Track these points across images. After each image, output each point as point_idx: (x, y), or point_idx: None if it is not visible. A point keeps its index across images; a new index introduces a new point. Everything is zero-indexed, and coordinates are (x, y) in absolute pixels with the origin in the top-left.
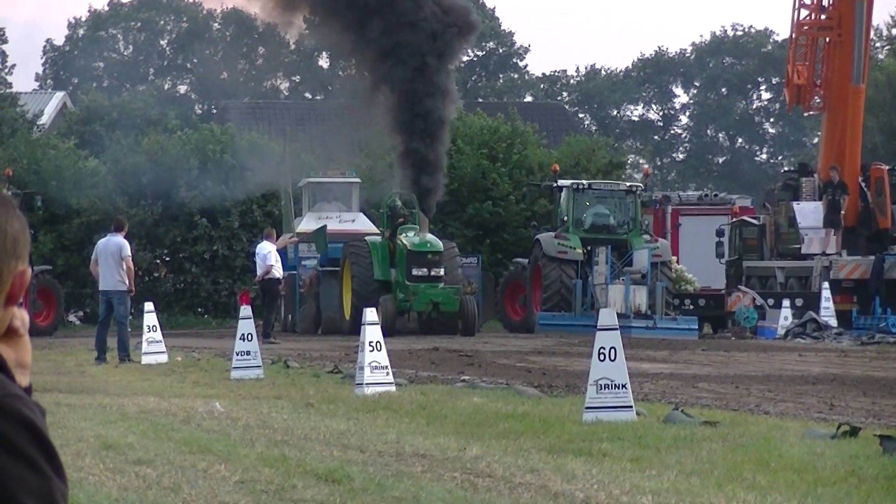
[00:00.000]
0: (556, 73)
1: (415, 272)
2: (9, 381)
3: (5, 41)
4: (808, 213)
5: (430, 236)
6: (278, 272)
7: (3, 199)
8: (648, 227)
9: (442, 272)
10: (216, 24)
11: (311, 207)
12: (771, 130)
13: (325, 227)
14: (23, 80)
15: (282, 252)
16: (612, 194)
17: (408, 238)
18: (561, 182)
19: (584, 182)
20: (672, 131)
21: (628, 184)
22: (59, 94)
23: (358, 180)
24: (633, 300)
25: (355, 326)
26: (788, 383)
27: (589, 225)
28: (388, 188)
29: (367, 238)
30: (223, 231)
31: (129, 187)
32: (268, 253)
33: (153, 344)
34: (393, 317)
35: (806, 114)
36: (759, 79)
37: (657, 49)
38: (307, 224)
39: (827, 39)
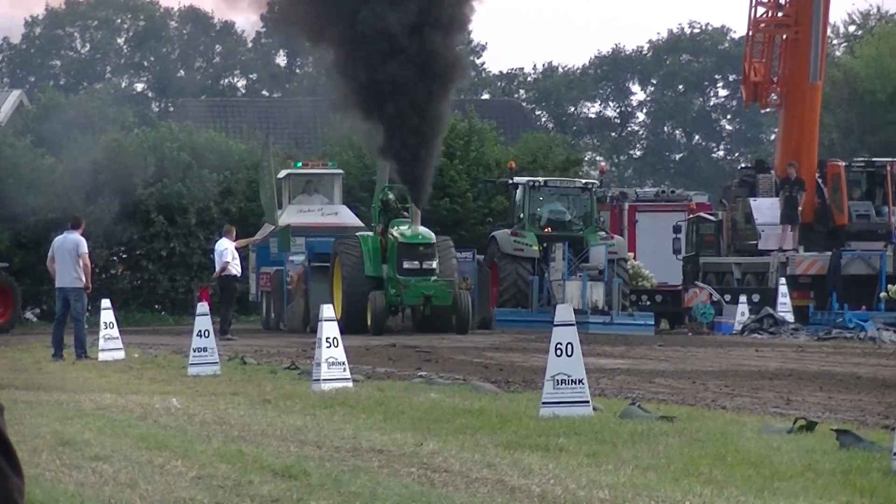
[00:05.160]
0: (514, 71)
1: (406, 265)
2: None
3: None
4: (765, 209)
5: (422, 228)
6: (235, 269)
7: None
8: (604, 224)
9: (434, 265)
10: (173, 23)
11: (292, 200)
12: (728, 127)
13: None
14: None
15: (264, 247)
16: (568, 191)
17: (399, 231)
18: (517, 179)
19: (540, 179)
20: (629, 128)
21: (584, 181)
22: (16, 93)
23: (340, 171)
24: (591, 296)
25: (347, 326)
26: (745, 378)
27: (545, 222)
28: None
29: (358, 234)
30: (180, 229)
31: (86, 185)
32: (224, 250)
33: (110, 341)
34: (383, 313)
35: (763, 111)
36: (717, 76)
37: (614, 46)
38: (288, 217)
39: (784, 37)
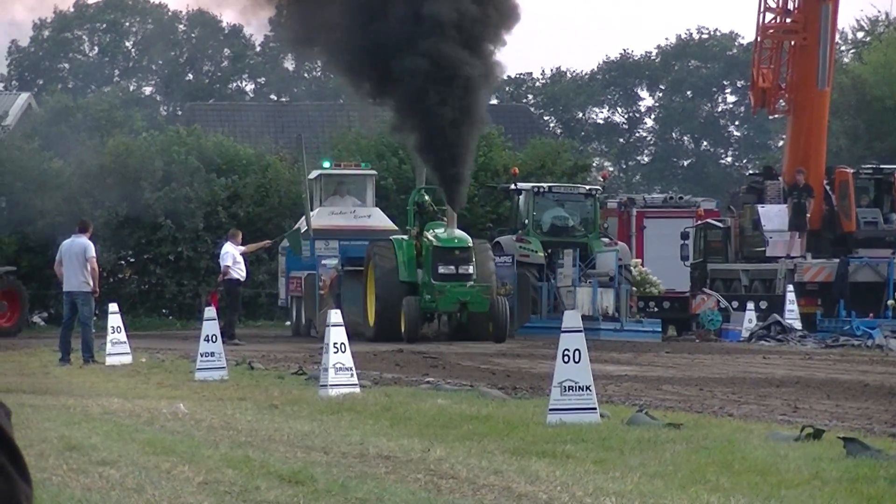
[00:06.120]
0: (522, 76)
1: (441, 270)
2: None
3: None
4: (773, 216)
5: (458, 231)
6: (237, 273)
7: None
8: (608, 230)
9: (471, 270)
10: (181, 26)
11: (324, 202)
12: (736, 133)
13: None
14: None
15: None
16: (571, 197)
17: (434, 234)
18: (521, 185)
19: (544, 185)
20: (637, 134)
21: (588, 187)
22: (24, 96)
23: (373, 172)
24: (601, 302)
25: (380, 333)
26: (752, 386)
27: (547, 228)
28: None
29: (392, 237)
30: (188, 233)
31: (93, 189)
32: (225, 254)
33: (117, 345)
34: (416, 320)
35: (771, 117)
36: (725, 82)
37: (622, 52)
38: (319, 219)
39: (792, 43)
